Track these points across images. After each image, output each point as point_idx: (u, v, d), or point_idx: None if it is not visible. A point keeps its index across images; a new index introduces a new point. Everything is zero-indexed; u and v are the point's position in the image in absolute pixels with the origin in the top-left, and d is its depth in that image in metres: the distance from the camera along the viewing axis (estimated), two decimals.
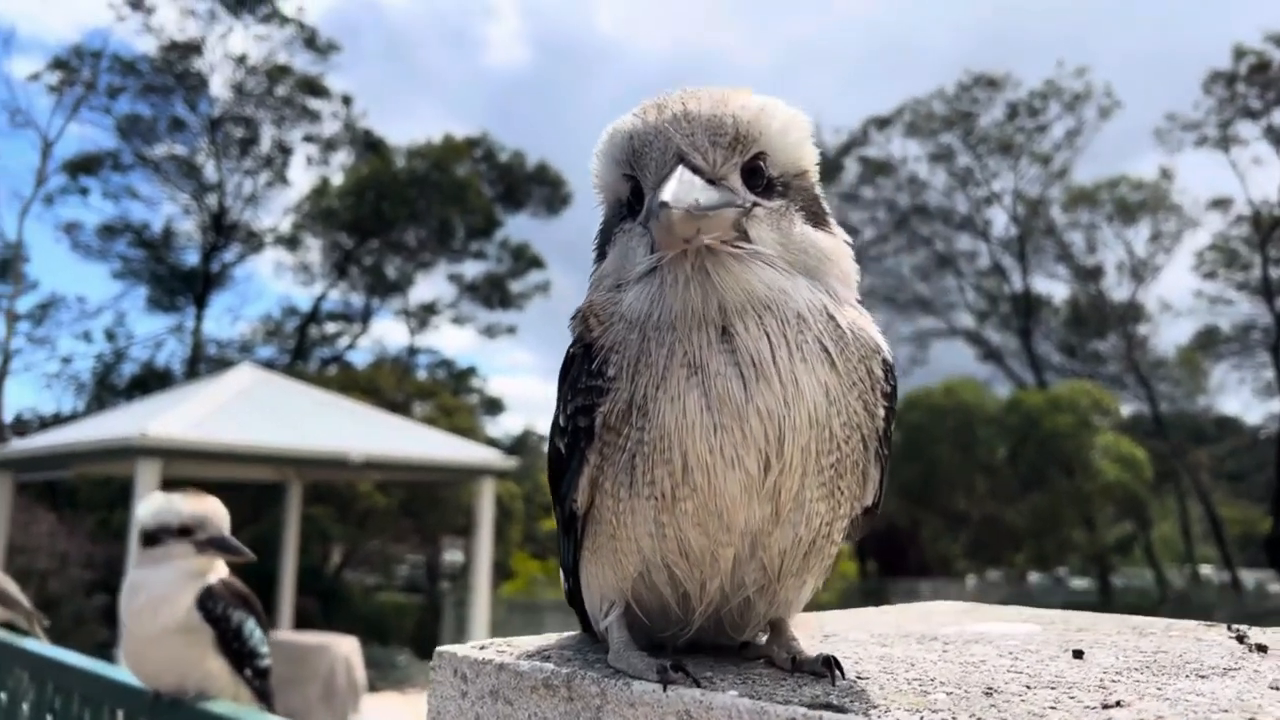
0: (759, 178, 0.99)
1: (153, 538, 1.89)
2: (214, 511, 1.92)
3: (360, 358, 32.92)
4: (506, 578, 27.22)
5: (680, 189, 0.89)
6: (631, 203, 1.03)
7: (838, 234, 1.09)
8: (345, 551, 22.77)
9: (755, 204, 0.98)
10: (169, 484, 12.93)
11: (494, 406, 35.49)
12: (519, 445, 32.54)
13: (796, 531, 0.97)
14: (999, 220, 38.33)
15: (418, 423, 17.72)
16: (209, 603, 1.86)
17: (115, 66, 30.34)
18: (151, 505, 1.91)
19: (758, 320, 0.94)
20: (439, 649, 1.07)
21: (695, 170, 0.93)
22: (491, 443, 22.62)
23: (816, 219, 1.05)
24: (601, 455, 0.98)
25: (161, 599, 1.83)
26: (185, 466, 13.70)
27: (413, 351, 34.06)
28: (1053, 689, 0.92)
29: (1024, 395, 30.39)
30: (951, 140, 37.07)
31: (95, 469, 14.21)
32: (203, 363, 28.13)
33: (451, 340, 73.24)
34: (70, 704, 2.24)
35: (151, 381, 26.83)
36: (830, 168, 38.51)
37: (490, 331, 35.92)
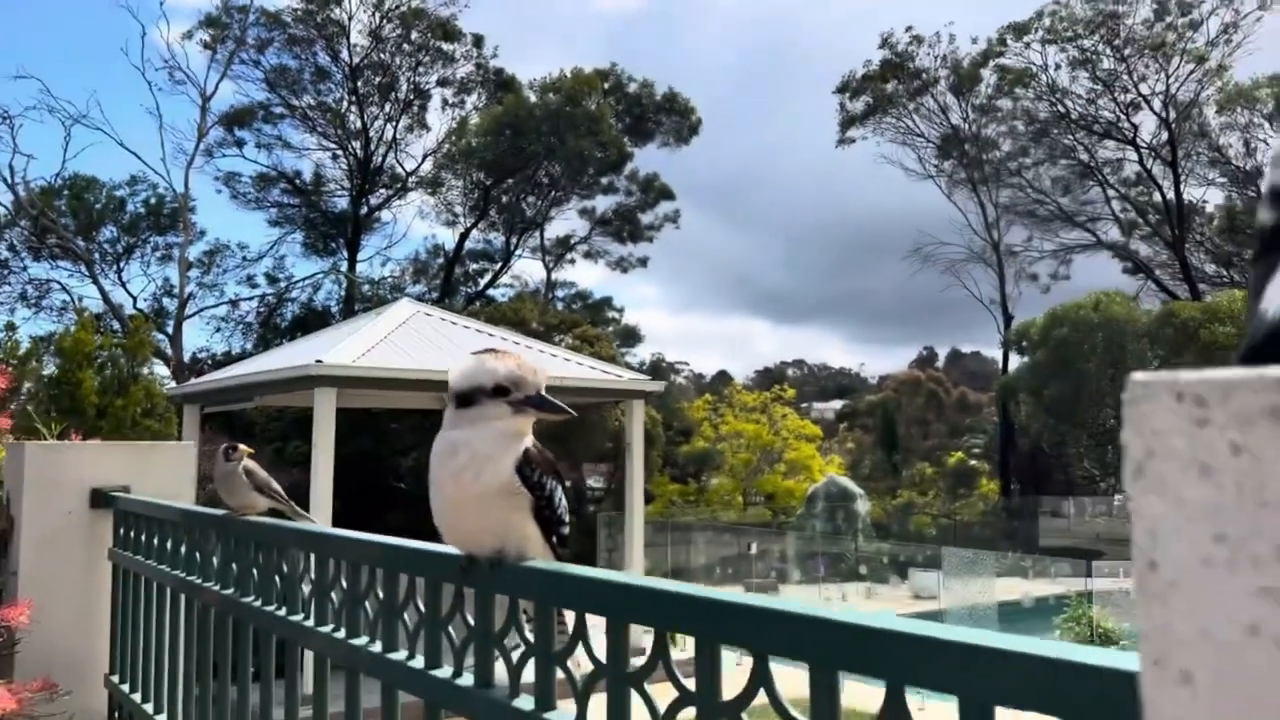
0: None
1: (466, 399, 1.82)
2: (530, 369, 1.79)
3: (502, 294, 33.91)
4: (647, 501, 27.97)
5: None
6: None
7: None
8: None
9: None
10: (346, 412, 13.89)
11: (630, 336, 36.14)
12: (652, 374, 33.12)
13: None
14: (1146, 126, 36.46)
15: (564, 349, 18.34)
16: (527, 469, 1.79)
17: (261, 20, 31.68)
18: (464, 365, 1.85)
19: None
20: (1134, 377, 0.62)
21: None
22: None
23: None
24: None
25: (485, 459, 1.77)
26: (355, 396, 14.66)
27: (550, 286, 34.89)
28: None
29: (1178, 306, 29.13)
30: (1095, 44, 35.27)
31: (274, 399, 15.28)
32: (357, 302, 29.48)
33: (584, 275, 74.14)
34: (358, 576, 2.22)
35: (311, 321, 28.35)
36: (966, 79, 37.22)
37: (622, 265, 36.42)
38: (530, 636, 1.74)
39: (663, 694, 1.38)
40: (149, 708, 3.69)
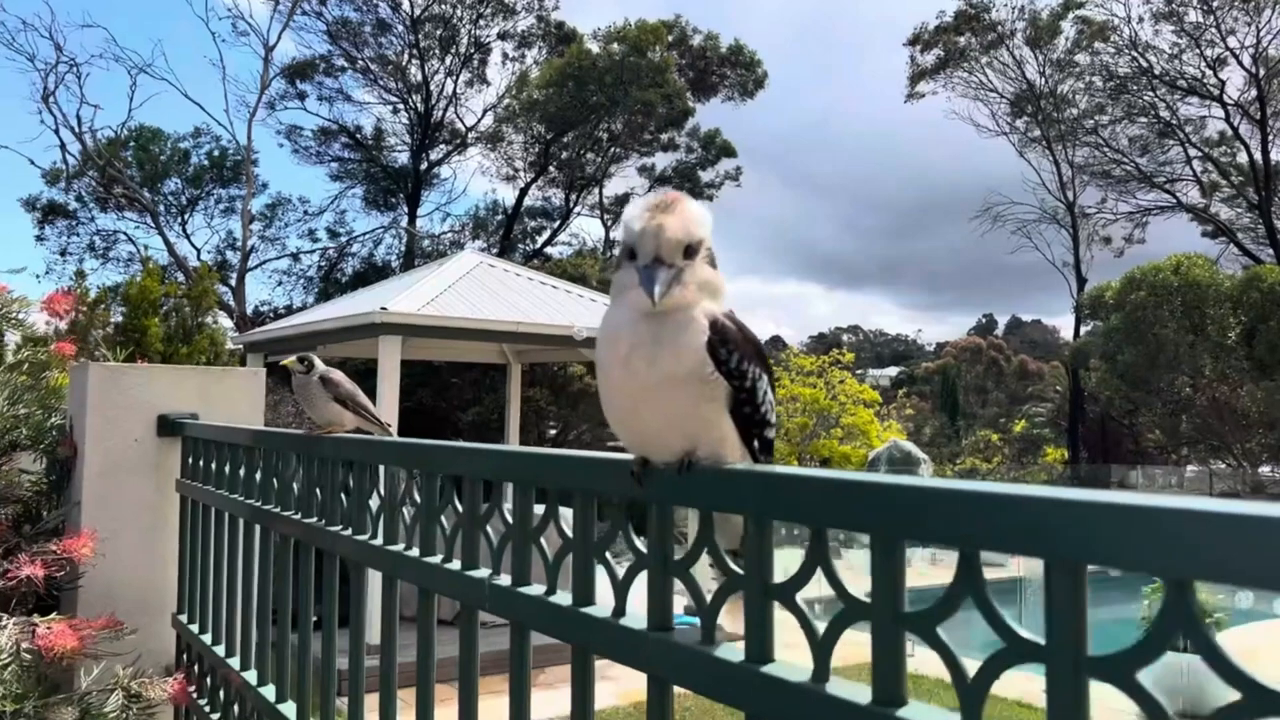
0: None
1: (619, 259, 1.45)
2: (656, 225, 1.33)
3: (560, 252, 33.69)
4: None
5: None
6: None
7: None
8: (557, 432, 23.65)
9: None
10: (407, 365, 13.67)
11: None
12: None
13: None
14: (1233, 83, 34.96)
15: None
16: (722, 349, 1.36)
17: None
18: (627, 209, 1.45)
19: None
20: None
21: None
22: None
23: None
24: None
25: (653, 341, 1.33)
26: (418, 347, 14.44)
27: (609, 244, 34.60)
28: None
29: (1265, 270, 27.98)
30: None
31: (337, 348, 15.13)
32: (417, 257, 29.40)
33: None
34: (478, 495, 1.91)
35: (371, 275, 28.30)
36: (1045, 31, 35.90)
37: None
38: (734, 566, 1.34)
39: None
40: (220, 649, 3.42)
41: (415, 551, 2.16)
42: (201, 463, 3.74)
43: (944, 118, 39.18)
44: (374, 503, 2.36)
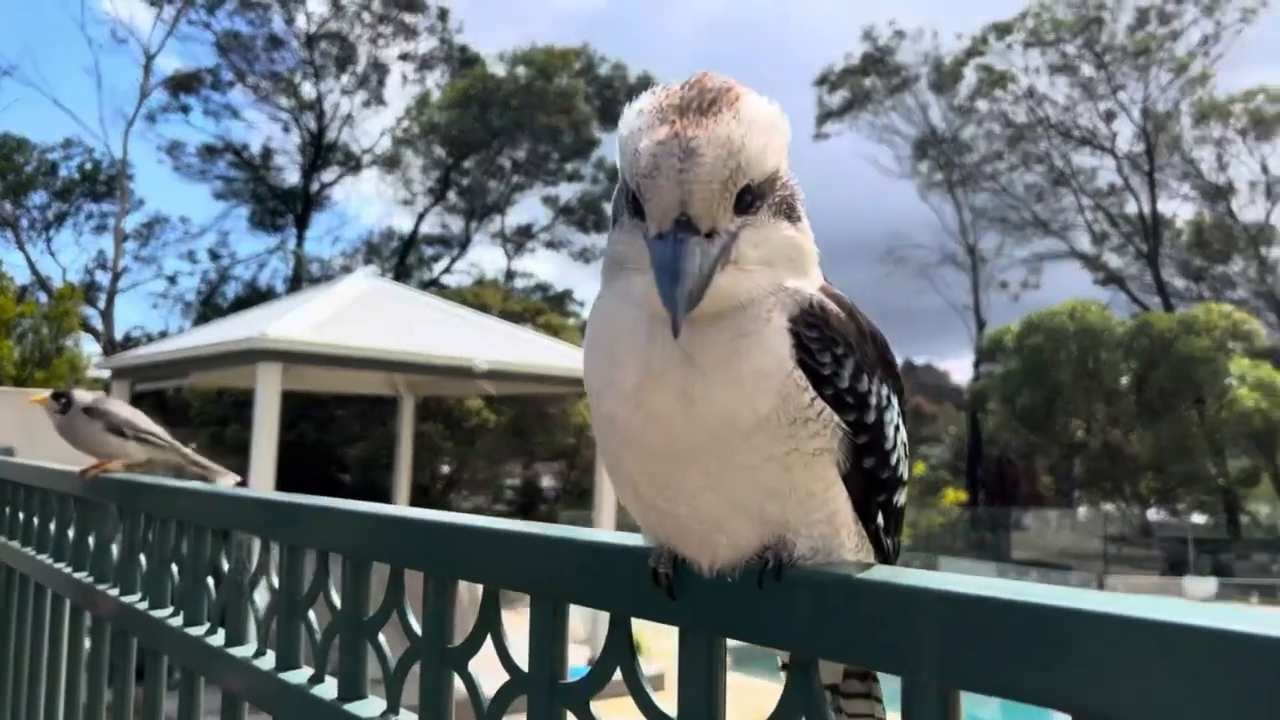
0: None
1: (617, 208, 0.81)
2: (690, 156, 0.74)
3: (457, 281, 32.89)
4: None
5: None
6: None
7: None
8: (452, 470, 22.75)
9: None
10: (288, 396, 12.66)
11: None
12: None
13: None
14: (1123, 135, 36.37)
15: (537, 332, 17.19)
16: (825, 357, 0.78)
17: None
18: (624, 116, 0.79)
19: None
20: None
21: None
22: None
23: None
24: None
25: (683, 357, 0.76)
26: (302, 376, 13.45)
27: (510, 275, 33.92)
28: None
29: (1154, 317, 28.84)
30: (1075, 49, 34.98)
31: (213, 376, 14.04)
32: (305, 282, 28.24)
33: (544, 267, 73.40)
34: (363, 584, 1.25)
35: (255, 300, 27.00)
36: (948, 77, 36.72)
37: (585, 256, 35.68)
38: None
39: None
40: None
41: (269, 661, 1.45)
42: (8, 511, 2.94)
43: (846, 158, 39.87)
44: (212, 583, 1.68)
